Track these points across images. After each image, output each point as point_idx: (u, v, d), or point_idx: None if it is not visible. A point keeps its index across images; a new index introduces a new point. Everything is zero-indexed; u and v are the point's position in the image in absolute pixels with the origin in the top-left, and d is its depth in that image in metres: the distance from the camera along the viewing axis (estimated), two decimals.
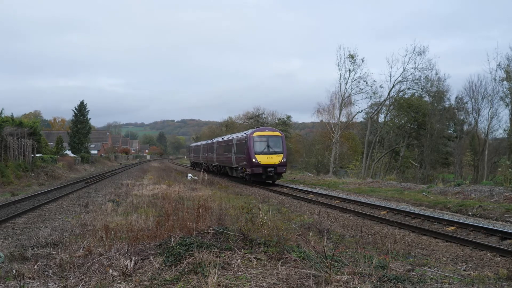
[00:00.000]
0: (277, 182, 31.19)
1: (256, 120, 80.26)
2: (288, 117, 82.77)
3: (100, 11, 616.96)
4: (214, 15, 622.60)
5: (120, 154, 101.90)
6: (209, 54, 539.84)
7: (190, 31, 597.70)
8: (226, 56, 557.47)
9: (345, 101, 50.64)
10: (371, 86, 48.16)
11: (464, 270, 8.23)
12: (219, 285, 5.82)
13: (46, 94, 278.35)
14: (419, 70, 45.01)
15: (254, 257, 7.04)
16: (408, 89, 47.04)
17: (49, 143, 59.39)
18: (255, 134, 29.65)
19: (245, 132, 33.73)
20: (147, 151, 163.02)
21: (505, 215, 14.44)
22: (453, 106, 49.89)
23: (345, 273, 6.32)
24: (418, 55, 44.33)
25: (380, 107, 49.92)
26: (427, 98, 49.27)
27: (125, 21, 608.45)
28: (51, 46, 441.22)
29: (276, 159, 28.65)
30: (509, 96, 41.54)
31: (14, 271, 6.90)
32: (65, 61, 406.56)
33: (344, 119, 53.30)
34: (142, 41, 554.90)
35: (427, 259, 9.13)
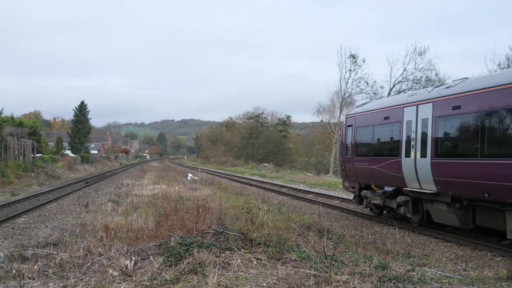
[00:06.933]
0: (277, 182, 30.88)
1: (256, 120, 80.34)
2: (288, 117, 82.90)
3: (113, 12, 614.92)
4: (224, 15, 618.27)
5: (120, 154, 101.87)
6: (219, 54, 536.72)
7: (201, 31, 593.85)
8: (236, 56, 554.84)
9: (346, 101, 50.63)
10: (372, 87, 48.14)
11: (464, 270, 8.23)
12: (219, 285, 5.82)
13: (55, 94, 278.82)
14: (419, 70, 44.98)
15: (254, 257, 7.04)
16: (409, 89, 47.04)
17: (49, 143, 59.36)
18: None
19: None
20: (147, 151, 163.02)
21: None
22: None
23: (345, 273, 6.32)
24: (418, 55, 44.26)
25: None
26: None
27: (138, 21, 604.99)
28: (62, 47, 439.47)
29: None
30: None
31: (14, 271, 6.90)
32: (77, 62, 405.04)
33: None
34: (153, 41, 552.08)
35: (427, 259, 9.13)
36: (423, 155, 11.37)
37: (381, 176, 13.52)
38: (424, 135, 11.49)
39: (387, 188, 13.31)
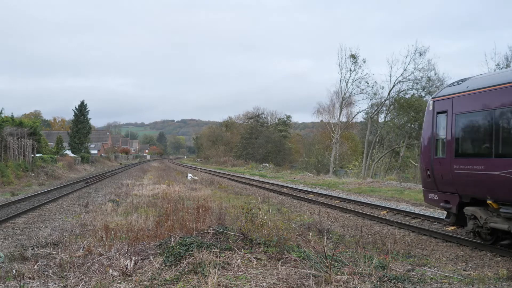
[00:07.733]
0: (277, 182, 30.95)
1: (256, 120, 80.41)
2: (288, 117, 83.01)
3: (113, 12, 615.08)
4: (227, 15, 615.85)
5: (120, 154, 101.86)
6: (219, 54, 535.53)
7: (203, 32, 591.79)
8: (236, 56, 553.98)
9: (346, 101, 50.67)
10: (372, 87, 48.14)
11: (464, 270, 8.23)
12: (219, 285, 5.82)
13: (55, 94, 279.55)
14: (419, 70, 44.99)
15: (254, 257, 7.04)
16: (409, 89, 47.03)
17: (49, 143, 59.36)
18: None
19: None
20: (147, 151, 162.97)
21: None
22: None
23: (345, 273, 6.32)
24: (419, 55, 44.26)
25: (380, 107, 49.95)
26: (427, 98, 49.26)
27: (138, 21, 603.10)
28: (63, 47, 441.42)
29: None
30: None
31: (14, 271, 6.90)
32: (77, 62, 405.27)
33: (344, 119, 53.26)
34: (153, 41, 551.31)
35: (427, 259, 9.13)
36: None
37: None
38: None
39: None
